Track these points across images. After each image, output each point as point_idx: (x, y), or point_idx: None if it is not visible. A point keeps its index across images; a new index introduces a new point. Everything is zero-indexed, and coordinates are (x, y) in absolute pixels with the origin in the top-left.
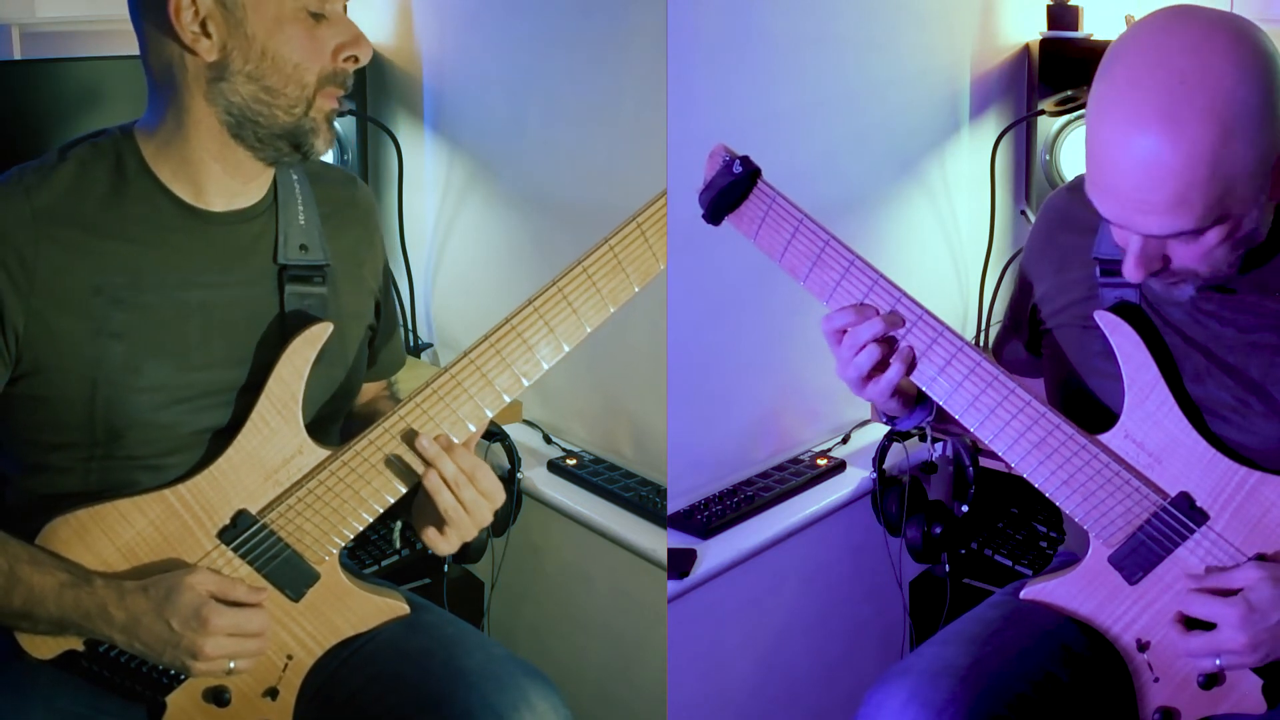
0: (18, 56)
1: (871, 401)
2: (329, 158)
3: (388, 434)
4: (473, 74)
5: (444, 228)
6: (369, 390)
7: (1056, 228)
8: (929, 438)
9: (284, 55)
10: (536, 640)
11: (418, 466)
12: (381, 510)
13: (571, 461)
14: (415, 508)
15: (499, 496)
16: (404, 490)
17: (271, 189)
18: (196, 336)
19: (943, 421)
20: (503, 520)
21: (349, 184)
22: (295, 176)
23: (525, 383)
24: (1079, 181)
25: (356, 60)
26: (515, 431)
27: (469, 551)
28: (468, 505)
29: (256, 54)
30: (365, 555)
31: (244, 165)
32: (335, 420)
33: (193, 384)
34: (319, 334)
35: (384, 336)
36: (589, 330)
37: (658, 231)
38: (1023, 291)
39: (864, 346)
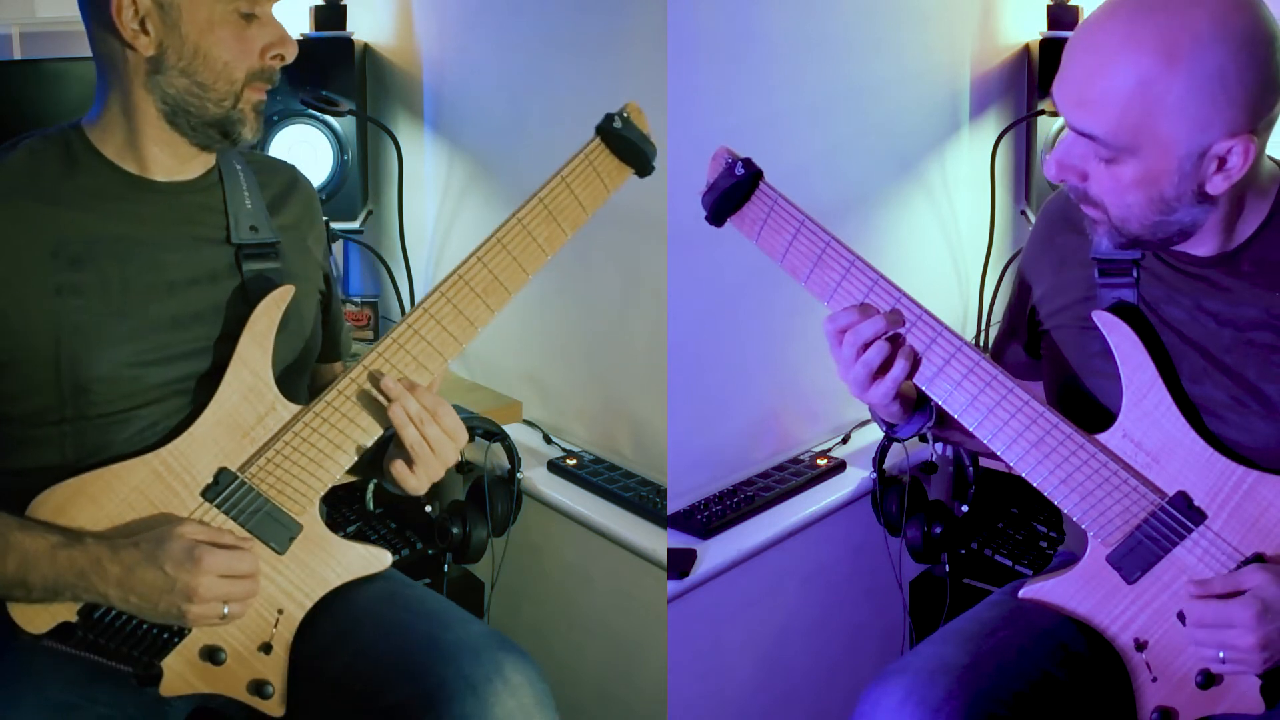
0: (18, 56)
1: (872, 405)
2: (329, 155)
3: (355, 383)
4: (473, 74)
5: (444, 228)
6: (325, 373)
7: (1055, 229)
8: (930, 439)
9: (214, 54)
10: (536, 640)
11: (385, 410)
12: (355, 457)
13: (571, 461)
14: (386, 456)
15: (461, 435)
16: (375, 436)
17: (215, 169)
18: (153, 294)
19: (943, 428)
20: (503, 520)
21: (290, 170)
22: (239, 166)
23: (477, 328)
24: None
25: (282, 59)
26: (515, 431)
27: (469, 551)
28: (432, 442)
29: (189, 52)
30: None
31: (180, 148)
32: (299, 382)
33: (152, 338)
34: (284, 295)
35: (334, 306)
36: (529, 275)
37: (581, 183)
38: (1021, 293)
39: (868, 345)
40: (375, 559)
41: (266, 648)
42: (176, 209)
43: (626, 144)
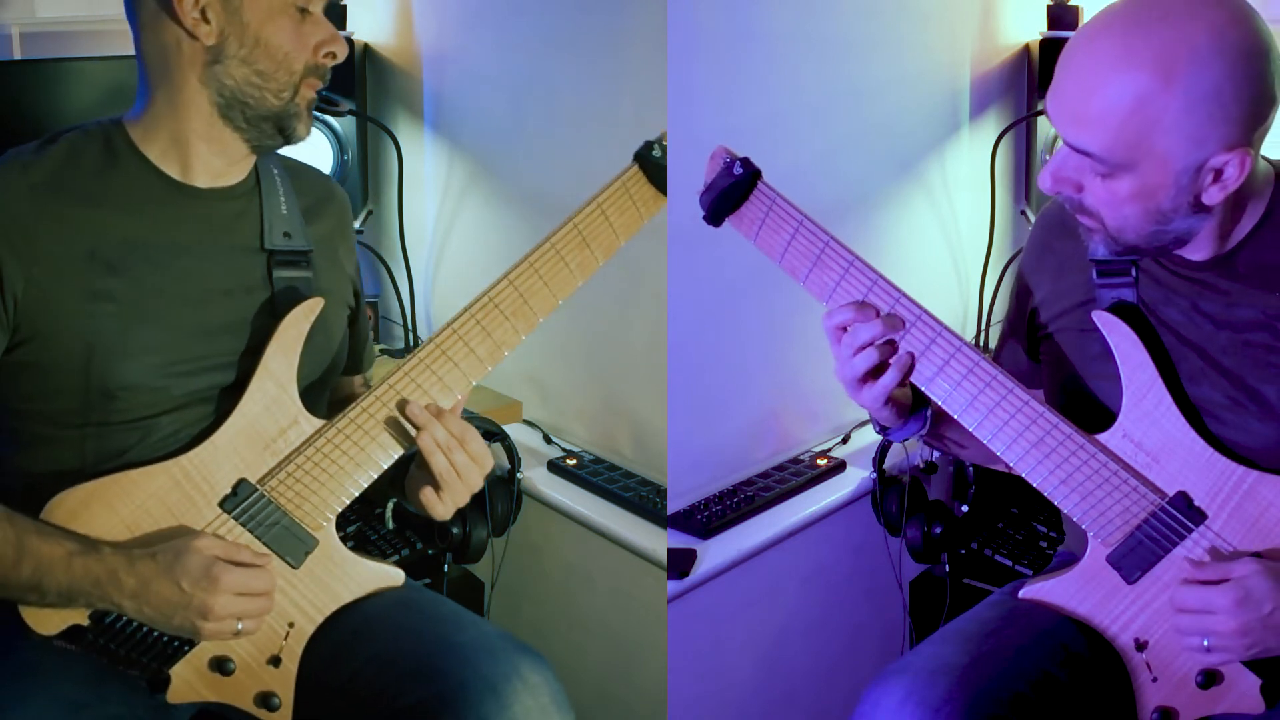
0: (18, 56)
1: (865, 408)
2: (329, 155)
3: (380, 402)
4: (473, 74)
5: (444, 228)
6: (345, 385)
7: (1052, 235)
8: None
9: (275, 43)
10: (537, 640)
11: (409, 433)
12: (375, 476)
13: (571, 461)
14: (408, 478)
15: (487, 461)
16: (395, 456)
17: (253, 174)
18: (187, 303)
19: (936, 436)
20: (503, 520)
21: (326, 180)
22: (276, 171)
23: (504, 352)
24: None
25: (335, 56)
26: (515, 431)
27: (469, 551)
28: (460, 468)
29: (251, 40)
30: (365, 555)
31: (229, 147)
32: (321, 396)
33: (183, 348)
34: (313, 307)
35: (361, 320)
36: (560, 301)
37: (617, 210)
38: (1021, 299)
39: (863, 348)
40: (388, 576)
41: (275, 660)
42: (215, 217)
43: (663, 173)
